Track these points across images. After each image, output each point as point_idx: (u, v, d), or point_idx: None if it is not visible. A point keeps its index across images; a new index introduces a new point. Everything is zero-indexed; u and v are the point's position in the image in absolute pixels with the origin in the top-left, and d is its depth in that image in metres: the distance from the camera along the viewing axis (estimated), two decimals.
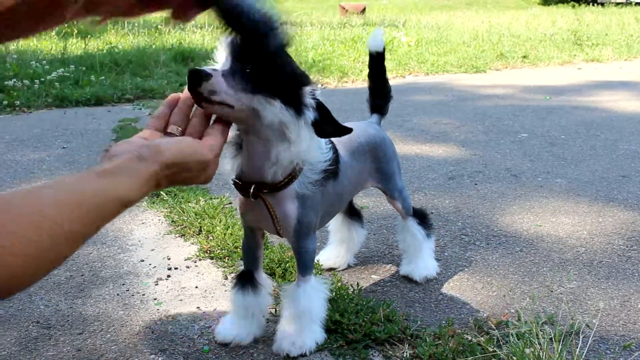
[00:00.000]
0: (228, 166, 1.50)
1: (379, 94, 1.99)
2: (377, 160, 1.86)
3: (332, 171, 1.56)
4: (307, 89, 1.38)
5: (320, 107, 1.40)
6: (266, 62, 1.30)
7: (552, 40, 10.31)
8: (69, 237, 0.94)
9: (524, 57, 8.56)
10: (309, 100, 1.37)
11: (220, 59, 1.34)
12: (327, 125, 1.41)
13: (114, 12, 1.29)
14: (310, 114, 1.38)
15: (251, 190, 1.47)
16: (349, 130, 1.44)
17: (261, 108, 1.32)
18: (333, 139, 1.64)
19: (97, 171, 1.05)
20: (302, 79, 1.37)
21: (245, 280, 1.66)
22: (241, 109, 1.31)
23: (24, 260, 0.88)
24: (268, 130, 1.37)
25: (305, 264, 1.59)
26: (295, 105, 1.35)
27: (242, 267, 1.70)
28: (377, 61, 1.96)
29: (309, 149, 1.42)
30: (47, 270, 0.95)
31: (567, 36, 10.60)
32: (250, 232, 1.65)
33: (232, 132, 1.41)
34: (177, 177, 1.17)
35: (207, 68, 1.30)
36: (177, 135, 1.27)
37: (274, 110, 1.32)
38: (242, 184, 1.49)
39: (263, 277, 1.70)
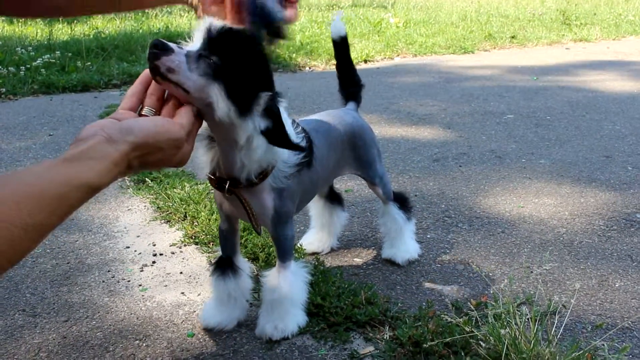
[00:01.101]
0: (202, 159, 1.49)
1: (350, 82, 1.99)
2: (356, 148, 1.87)
3: (306, 161, 1.57)
4: (265, 95, 1.34)
5: (275, 117, 1.37)
6: (236, 58, 1.29)
7: (540, 20, 10.30)
8: (31, 231, 0.94)
9: (513, 37, 8.55)
10: (261, 107, 1.34)
11: (194, 40, 1.32)
12: (277, 137, 1.38)
13: None
14: (261, 122, 1.35)
15: (226, 187, 1.47)
16: (298, 148, 1.44)
17: (214, 101, 1.28)
18: (311, 128, 1.66)
19: (64, 157, 1.04)
20: (263, 84, 1.35)
21: (225, 266, 1.68)
22: (196, 97, 1.28)
23: None
24: (225, 130, 1.36)
25: (284, 251, 1.62)
26: (247, 108, 1.33)
27: (220, 254, 1.73)
28: (341, 48, 1.95)
29: (274, 152, 1.44)
30: (7, 266, 0.94)
31: (556, 16, 10.58)
32: (227, 218, 1.67)
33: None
34: (149, 158, 1.15)
35: (172, 44, 1.26)
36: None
37: (224, 109, 1.29)
38: (216, 179, 1.49)
39: (242, 261, 1.73)
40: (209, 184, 1.53)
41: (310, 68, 6.55)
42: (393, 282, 1.96)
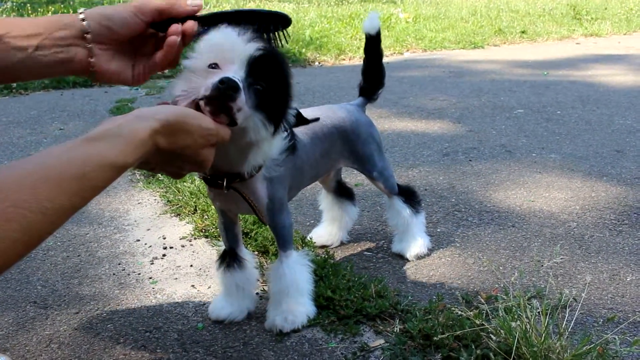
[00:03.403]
0: None
1: (369, 78, 1.99)
2: (350, 143, 1.87)
3: (292, 145, 1.56)
4: (294, 108, 1.40)
5: (298, 116, 1.45)
6: (279, 83, 1.32)
7: (551, 15, 10.25)
8: (51, 214, 0.91)
9: (523, 32, 8.51)
10: (291, 118, 1.41)
11: (223, 61, 1.27)
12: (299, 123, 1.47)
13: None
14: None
15: (224, 184, 1.47)
16: (314, 120, 1.50)
17: (252, 128, 1.31)
18: None
19: (86, 137, 1.01)
20: (291, 97, 1.39)
21: (230, 259, 1.70)
22: (239, 127, 1.29)
23: None
24: (247, 141, 1.37)
25: (284, 239, 1.63)
26: (280, 124, 1.37)
27: (223, 247, 1.73)
28: (370, 44, 1.95)
29: (274, 144, 1.47)
30: (25, 252, 0.92)
31: (566, 11, 10.52)
32: (224, 213, 1.68)
33: None
34: (177, 140, 1.12)
35: (236, 78, 1.23)
36: None
37: (262, 133, 1.33)
38: (210, 177, 1.49)
39: (245, 252, 1.74)
40: (203, 182, 1.54)
41: (319, 63, 6.55)
42: (403, 276, 1.96)
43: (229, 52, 1.27)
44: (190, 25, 1.31)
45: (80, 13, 1.26)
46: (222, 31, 1.29)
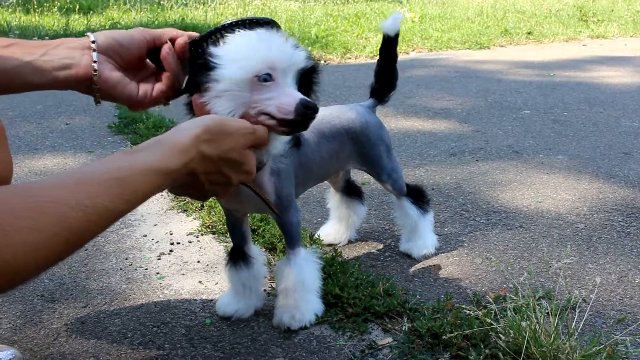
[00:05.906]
0: None
1: (381, 79, 1.98)
2: (359, 144, 1.85)
3: (296, 137, 1.53)
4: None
5: None
6: (313, 86, 1.37)
7: (557, 16, 10.23)
8: (91, 213, 0.91)
9: (529, 33, 8.49)
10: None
11: (275, 72, 1.25)
12: None
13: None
14: None
15: None
16: None
17: None
18: None
19: (126, 150, 1.05)
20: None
21: (237, 256, 1.69)
22: None
23: (23, 249, 0.83)
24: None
25: (292, 237, 1.62)
26: None
27: (231, 244, 1.73)
28: (387, 45, 1.94)
29: None
30: (66, 249, 0.91)
31: (573, 12, 10.50)
32: (230, 212, 1.67)
33: None
34: (220, 144, 1.13)
35: (304, 97, 1.26)
36: None
37: None
38: None
39: (253, 250, 1.72)
40: None
41: (325, 61, 6.54)
42: (411, 275, 1.96)
43: (282, 61, 1.25)
44: (181, 40, 1.34)
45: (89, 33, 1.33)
46: (265, 35, 1.27)
